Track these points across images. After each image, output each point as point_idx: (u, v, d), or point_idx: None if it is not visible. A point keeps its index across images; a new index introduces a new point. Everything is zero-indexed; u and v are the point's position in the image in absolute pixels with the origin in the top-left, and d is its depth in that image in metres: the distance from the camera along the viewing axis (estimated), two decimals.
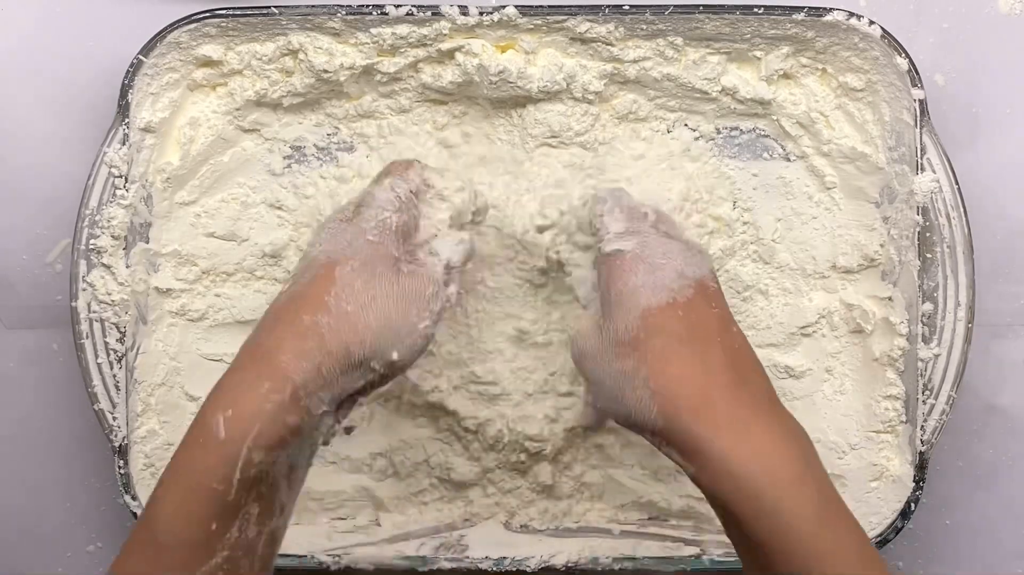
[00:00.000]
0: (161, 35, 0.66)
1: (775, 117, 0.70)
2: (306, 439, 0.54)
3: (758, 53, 0.68)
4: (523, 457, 0.68)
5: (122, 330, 0.66)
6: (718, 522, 0.68)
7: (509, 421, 0.69)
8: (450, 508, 0.71)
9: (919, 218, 0.66)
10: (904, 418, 0.67)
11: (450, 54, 0.67)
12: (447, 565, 0.68)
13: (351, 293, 0.54)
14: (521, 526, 0.70)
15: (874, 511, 0.68)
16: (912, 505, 0.67)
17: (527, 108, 0.68)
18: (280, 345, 0.53)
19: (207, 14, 0.66)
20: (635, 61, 0.67)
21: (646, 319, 0.55)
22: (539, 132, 0.69)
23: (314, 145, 0.71)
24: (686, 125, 0.71)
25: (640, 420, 0.54)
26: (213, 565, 0.51)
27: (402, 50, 0.67)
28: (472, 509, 0.70)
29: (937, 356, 0.66)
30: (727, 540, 0.68)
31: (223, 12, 0.66)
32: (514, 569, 0.68)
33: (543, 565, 0.67)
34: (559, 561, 0.68)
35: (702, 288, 0.56)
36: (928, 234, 0.66)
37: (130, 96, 0.66)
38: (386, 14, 0.66)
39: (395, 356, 0.55)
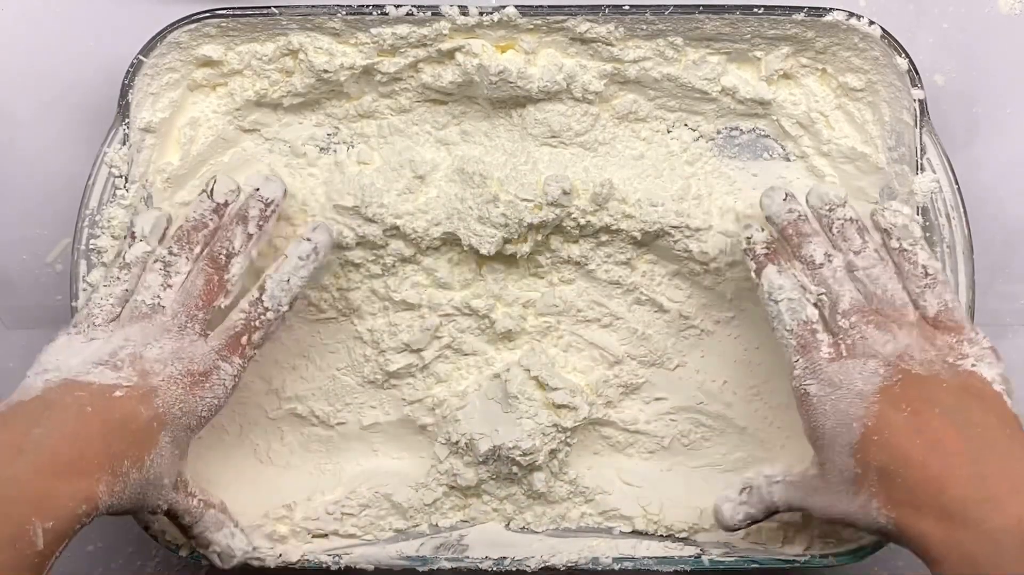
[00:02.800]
0: (161, 35, 0.66)
1: (775, 117, 0.70)
2: None
3: (758, 53, 0.68)
4: (515, 469, 0.68)
5: None
6: (717, 522, 0.68)
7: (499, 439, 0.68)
8: (452, 512, 0.70)
9: (919, 218, 0.66)
10: None
11: (450, 54, 0.67)
12: (447, 565, 0.68)
13: None
14: (521, 527, 0.70)
15: None
16: None
17: (527, 108, 0.68)
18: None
19: (207, 14, 0.66)
20: (635, 61, 0.67)
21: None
22: (539, 132, 0.69)
23: (314, 145, 0.71)
24: (686, 125, 0.71)
25: None
26: None
27: (402, 50, 0.67)
28: (470, 513, 0.70)
29: None
30: (726, 539, 0.69)
31: (223, 12, 0.66)
32: (514, 569, 0.68)
33: (543, 565, 0.67)
34: (559, 561, 0.67)
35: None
36: (928, 234, 0.66)
37: (130, 96, 0.66)
38: (386, 14, 0.66)
39: None
